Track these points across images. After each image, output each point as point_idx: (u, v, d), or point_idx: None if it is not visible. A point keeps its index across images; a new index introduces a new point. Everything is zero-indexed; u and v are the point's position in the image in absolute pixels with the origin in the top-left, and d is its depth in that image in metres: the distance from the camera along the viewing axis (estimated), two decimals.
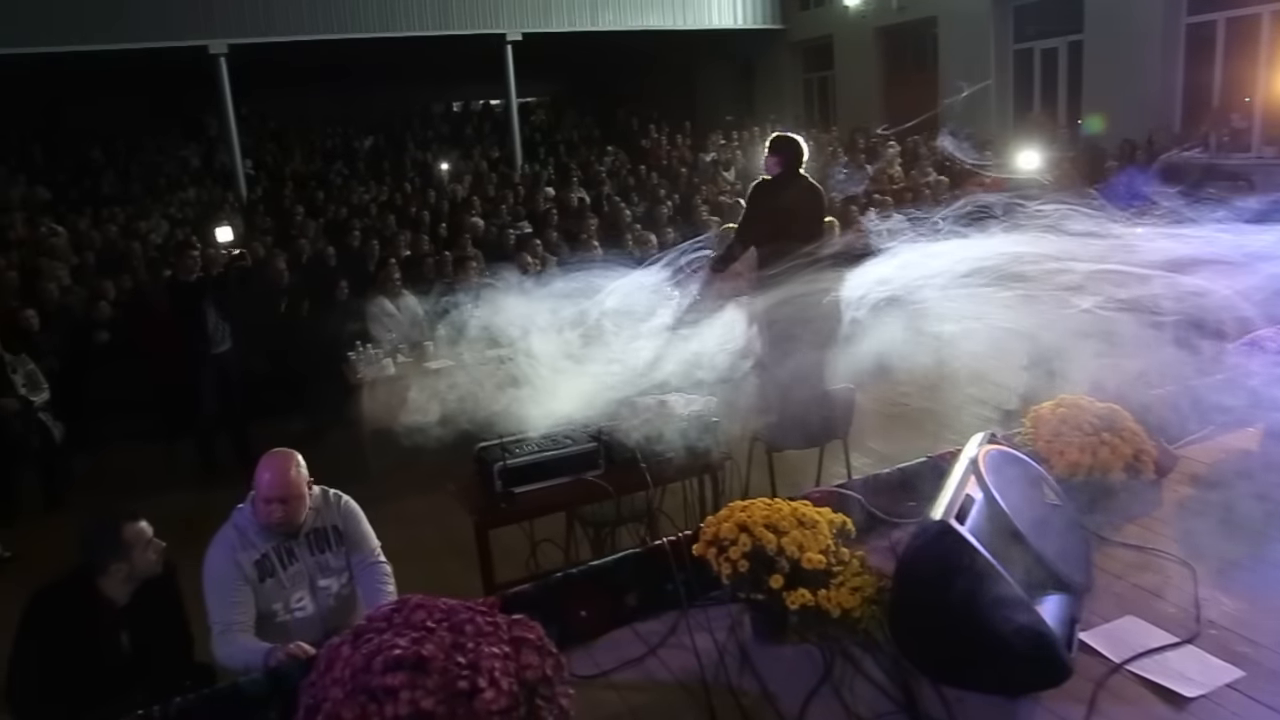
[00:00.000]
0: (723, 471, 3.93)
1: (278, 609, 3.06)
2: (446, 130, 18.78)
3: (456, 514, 5.23)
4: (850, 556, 2.10)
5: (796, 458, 5.26)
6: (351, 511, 3.22)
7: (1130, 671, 2.06)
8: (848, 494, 2.69)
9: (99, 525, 3.02)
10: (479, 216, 10.76)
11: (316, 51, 14.75)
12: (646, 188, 12.77)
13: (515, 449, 3.65)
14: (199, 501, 6.24)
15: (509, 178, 14.26)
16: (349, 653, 1.79)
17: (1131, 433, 2.85)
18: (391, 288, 7.37)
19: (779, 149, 5.45)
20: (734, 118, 19.08)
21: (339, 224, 10.90)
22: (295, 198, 13.26)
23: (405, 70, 18.40)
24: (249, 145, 16.05)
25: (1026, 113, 14.03)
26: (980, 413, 6.41)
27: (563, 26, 15.68)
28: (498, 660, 1.75)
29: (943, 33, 14.99)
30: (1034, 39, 14.05)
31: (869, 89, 16.80)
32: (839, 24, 16.78)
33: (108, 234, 11.04)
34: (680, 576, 2.35)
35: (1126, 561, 2.55)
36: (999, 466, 2.33)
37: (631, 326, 4.09)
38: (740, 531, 2.04)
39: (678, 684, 2.12)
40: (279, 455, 3.10)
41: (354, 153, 17.02)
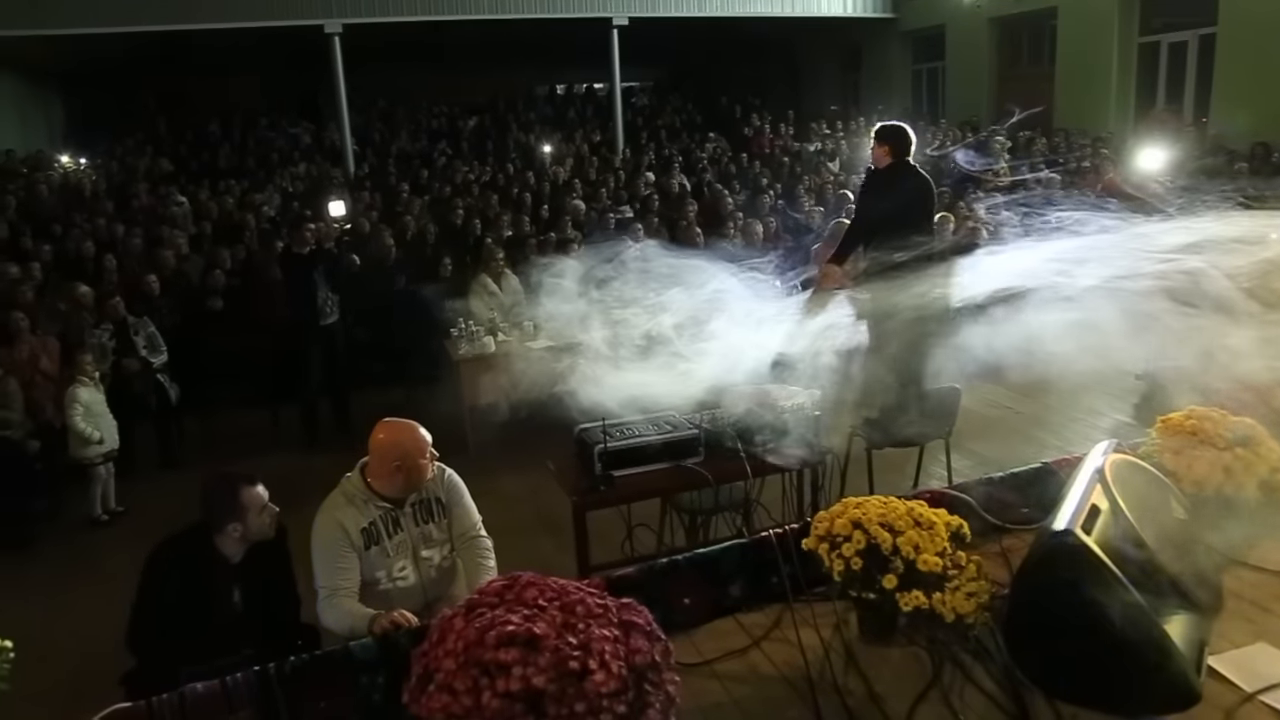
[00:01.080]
0: (822, 466, 3.87)
1: (381, 577, 3.14)
2: (549, 112, 18.95)
3: (550, 493, 5.30)
4: (967, 560, 2.04)
5: (894, 456, 5.17)
6: (455, 485, 3.28)
7: (1264, 702, 1.96)
8: (960, 496, 2.61)
9: (219, 487, 3.14)
10: (580, 199, 10.83)
11: (425, 32, 15.04)
12: (748, 176, 12.66)
13: (616, 432, 3.66)
14: (300, 465, 6.48)
15: (610, 162, 14.32)
16: (462, 625, 1.81)
17: (1268, 450, 2.70)
18: (494, 266, 7.48)
19: (886, 138, 5.31)
20: (839, 107, 18.76)
21: (442, 202, 11.10)
22: (400, 175, 13.56)
23: (510, 52, 18.63)
24: (358, 123, 16.49)
25: (1149, 109, 13.41)
26: (1090, 421, 6.19)
27: (670, 11, 15.63)
28: (608, 643, 1.75)
29: (1063, 24, 14.44)
30: (1161, 31, 13.41)
31: (980, 81, 16.31)
32: (952, 14, 16.32)
33: (224, 205, 11.49)
34: (786, 569, 2.32)
35: (1258, 585, 2.42)
36: (1125, 477, 2.23)
37: (737, 317, 4.06)
38: (854, 528, 2.01)
39: (781, 678, 2.10)
40: (401, 423, 3.16)
41: (458, 132, 17.32)
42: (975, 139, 13.87)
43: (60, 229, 9.94)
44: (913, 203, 5.22)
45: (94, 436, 5.95)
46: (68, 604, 4.89)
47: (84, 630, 4.24)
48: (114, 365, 6.74)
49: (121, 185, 12.97)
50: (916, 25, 17.58)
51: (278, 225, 9.83)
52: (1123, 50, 13.63)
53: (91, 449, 5.97)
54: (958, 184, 10.59)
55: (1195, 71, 12.86)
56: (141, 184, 12.70)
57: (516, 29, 15.44)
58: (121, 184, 13.10)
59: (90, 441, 5.94)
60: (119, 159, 15.06)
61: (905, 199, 5.20)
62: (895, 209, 5.05)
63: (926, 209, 5.36)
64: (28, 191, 11.75)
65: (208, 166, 14.95)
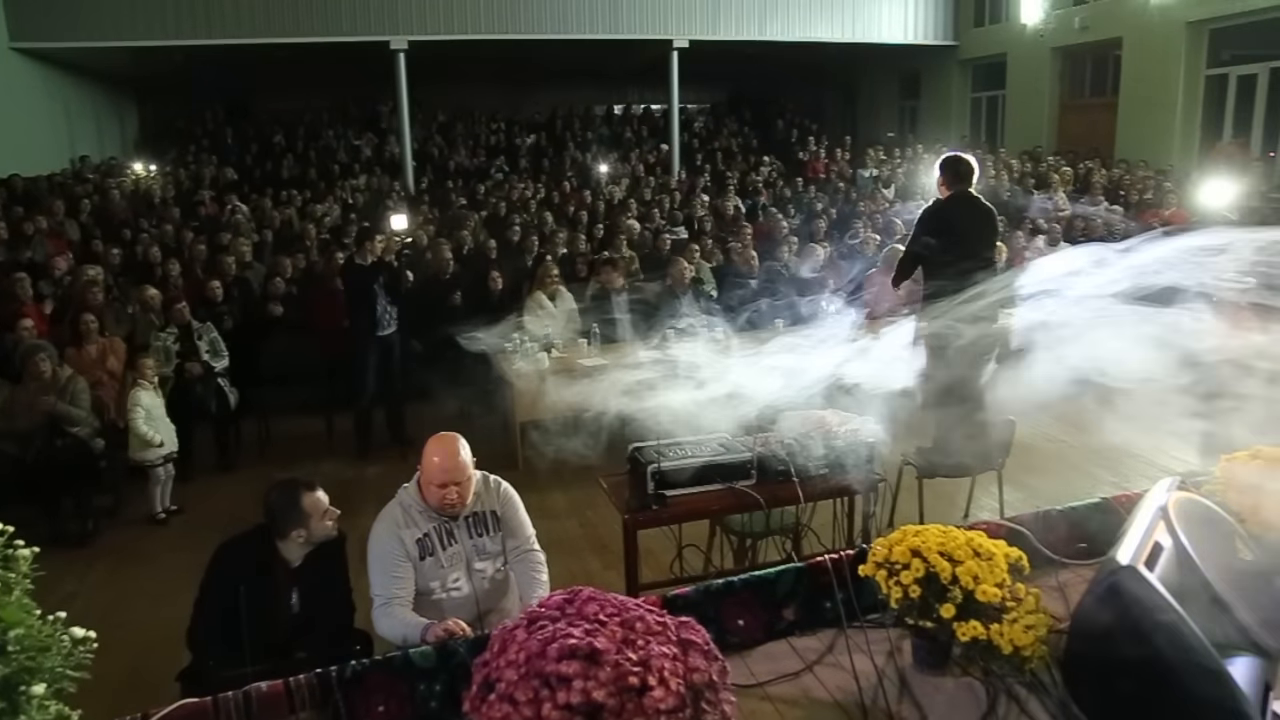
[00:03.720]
0: (874, 494, 3.86)
1: (434, 587, 3.19)
2: (606, 133, 19.15)
3: (599, 510, 5.35)
4: (1026, 593, 2.03)
5: (945, 486, 5.12)
6: (510, 498, 3.32)
7: None
8: (1017, 528, 2.60)
9: (283, 493, 3.22)
10: (635, 219, 10.92)
11: (487, 50, 15.32)
12: (803, 201, 12.66)
13: (670, 452, 3.69)
14: (354, 474, 6.60)
15: (665, 183, 14.42)
16: (524, 637, 1.85)
17: None
18: (549, 284, 7.57)
19: (947, 169, 5.33)
20: (895, 134, 18.70)
21: (498, 218, 11.26)
22: (458, 190, 13.78)
23: (570, 71, 18.89)
24: (418, 138, 16.81)
25: (1215, 142, 13.18)
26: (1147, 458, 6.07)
27: (730, 35, 15.75)
28: (667, 660, 1.78)
29: (1127, 55, 14.27)
30: (1230, 64, 13.18)
31: (1041, 111, 16.16)
32: (1015, 42, 16.21)
33: (285, 215, 11.76)
34: (841, 595, 2.33)
35: None
36: (1189, 515, 2.21)
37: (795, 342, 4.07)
38: (913, 556, 2.01)
39: (834, 703, 2.10)
40: (448, 439, 3.21)
41: (516, 149, 17.56)
42: (1035, 170, 13.74)
43: (129, 234, 10.27)
44: (972, 232, 5.20)
45: (155, 439, 6.09)
46: (125, 599, 5.03)
47: (140, 625, 4.36)
48: (177, 369, 6.92)
49: (188, 193, 13.36)
50: (977, 53, 17.48)
51: (338, 235, 10.04)
52: (1189, 82, 13.42)
53: (151, 451, 6.10)
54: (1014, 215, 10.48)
55: (1265, 104, 12.62)
56: (206, 191, 13.06)
57: (577, 49, 15.67)
58: (188, 191, 13.50)
59: (151, 444, 6.09)
60: (186, 167, 15.52)
61: (965, 228, 5.18)
62: (955, 238, 5.04)
63: (987, 238, 5.34)
64: (101, 196, 12.15)
65: (271, 176, 15.33)
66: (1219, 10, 12.68)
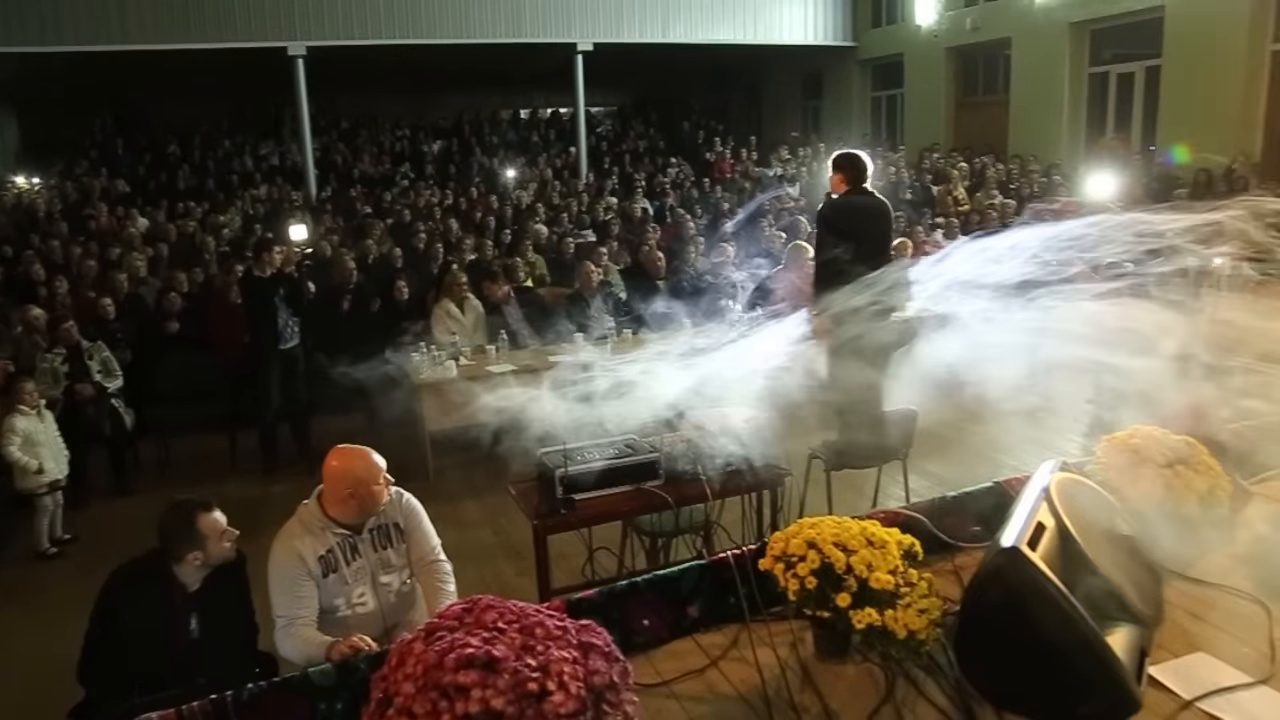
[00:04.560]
0: (781, 488, 3.92)
1: (339, 604, 3.12)
2: (513, 137, 19.04)
3: (511, 517, 5.32)
4: (918, 578, 2.09)
5: (854, 477, 5.23)
6: (414, 509, 3.27)
7: (1201, 709, 2.02)
8: (914, 516, 2.67)
9: (175, 516, 3.11)
10: (542, 223, 10.89)
11: (389, 55, 15.09)
12: (710, 201, 12.79)
13: (577, 456, 3.68)
14: (260, 492, 6.42)
15: (573, 186, 14.41)
16: (421, 649, 1.82)
17: (1206, 466, 2.79)
18: (456, 291, 7.49)
19: (842, 166, 5.44)
20: (799, 133, 19.05)
21: (404, 226, 11.10)
22: (362, 199, 13.54)
23: (475, 76, 18.74)
24: (320, 145, 16.45)
25: (1099, 137, 13.78)
26: (1044, 441, 6.30)
27: (634, 38, 15.83)
28: (567, 664, 1.77)
29: (1016, 54, 14.82)
30: (1110, 62, 13.80)
31: (938, 109, 16.66)
32: (910, 43, 16.68)
33: (183, 228, 11.38)
34: (744, 590, 2.35)
35: (1198, 597, 2.50)
36: (1070, 495, 2.30)
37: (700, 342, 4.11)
38: (809, 548, 2.05)
39: (739, 697, 2.13)
40: (352, 448, 3.16)
41: (422, 156, 17.33)
42: (933, 166, 14.16)
43: (11, 251, 9.80)
44: (870, 228, 5.33)
45: (31, 466, 5.74)
46: (13, 635, 4.78)
47: (30, 661, 4.16)
48: (66, 390, 6.62)
49: (76, 206, 12.80)
50: (876, 54, 17.93)
51: (238, 247, 9.75)
52: (1073, 80, 14.01)
53: (33, 479, 5.77)
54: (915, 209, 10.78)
55: (1142, 100, 13.24)
56: (99, 204, 12.55)
57: (481, 53, 15.54)
58: (76, 205, 12.94)
59: (29, 471, 5.77)
60: (74, 179, 14.88)
61: (863, 224, 5.30)
62: (855, 236, 5.16)
63: (884, 234, 5.46)
64: None
65: (166, 188, 14.81)
66: (1098, 12, 13.27)
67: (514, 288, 7.84)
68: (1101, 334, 4.10)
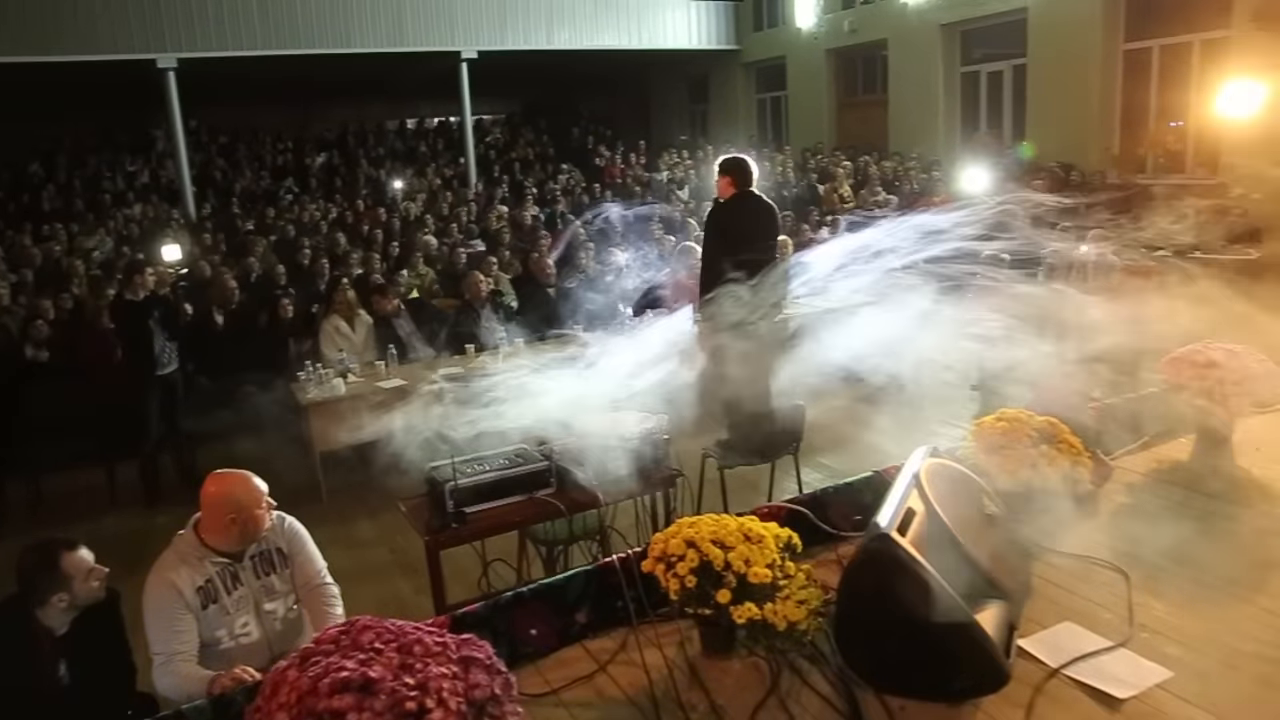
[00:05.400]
0: (674, 489, 3.95)
1: (222, 635, 3.01)
2: (400, 148, 18.72)
3: (408, 534, 5.21)
4: (795, 570, 2.13)
5: (750, 473, 5.31)
6: (296, 532, 3.18)
7: (1066, 676, 2.11)
8: (796, 509, 2.72)
9: (37, 556, 2.95)
10: (431, 234, 10.73)
11: (268, 66, 14.64)
12: (600, 206, 12.83)
13: (467, 469, 3.64)
14: (142, 525, 6.14)
15: (463, 195, 14.25)
16: (295, 676, 1.77)
17: (1069, 445, 2.92)
18: (345, 306, 7.32)
19: (728, 170, 5.54)
20: (688, 137, 19.28)
21: (288, 242, 10.79)
22: (244, 215, 13.11)
23: (359, 87, 18.37)
24: (197, 161, 15.86)
25: (973, 133, 14.34)
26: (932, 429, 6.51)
27: (518, 45, 15.76)
28: (446, 680, 1.75)
29: (893, 55, 15.31)
30: (980, 62, 14.39)
31: (821, 109, 17.08)
32: (792, 45, 17.05)
33: (49, 251, 10.80)
34: (630, 593, 2.36)
35: (1064, 569, 2.62)
36: (940, 479, 2.38)
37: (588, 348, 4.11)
38: (687, 547, 2.07)
39: (627, 701, 2.13)
40: (232, 474, 3.06)
41: (305, 169, 16.88)
42: (818, 165, 14.51)
43: None
44: (757, 229, 5.43)
45: None
46: None
47: None
48: None
49: None
50: (759, 56, 18.28)
51: (110, 270, 9.31)
52: (947, 79, 14.55)
53: None
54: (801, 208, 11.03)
55: (1011, 98, 13.84)
56: None
57: (363, 63, 15.23)
58: None
59: None
60: None
61: (750, 226, 5.40)
62: (742, 237, 5.25)
63: (770, 234, 5.57)
64: None
65: (30, 209, 14.04)
66: (966, 14, 13.82)
67: (404, 300, 7.71)
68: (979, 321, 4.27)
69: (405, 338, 7.29)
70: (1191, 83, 11.12)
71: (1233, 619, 2.33)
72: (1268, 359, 3.31)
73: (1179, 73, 11.37)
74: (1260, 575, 2.54)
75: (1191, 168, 11.23)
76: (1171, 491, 3.08)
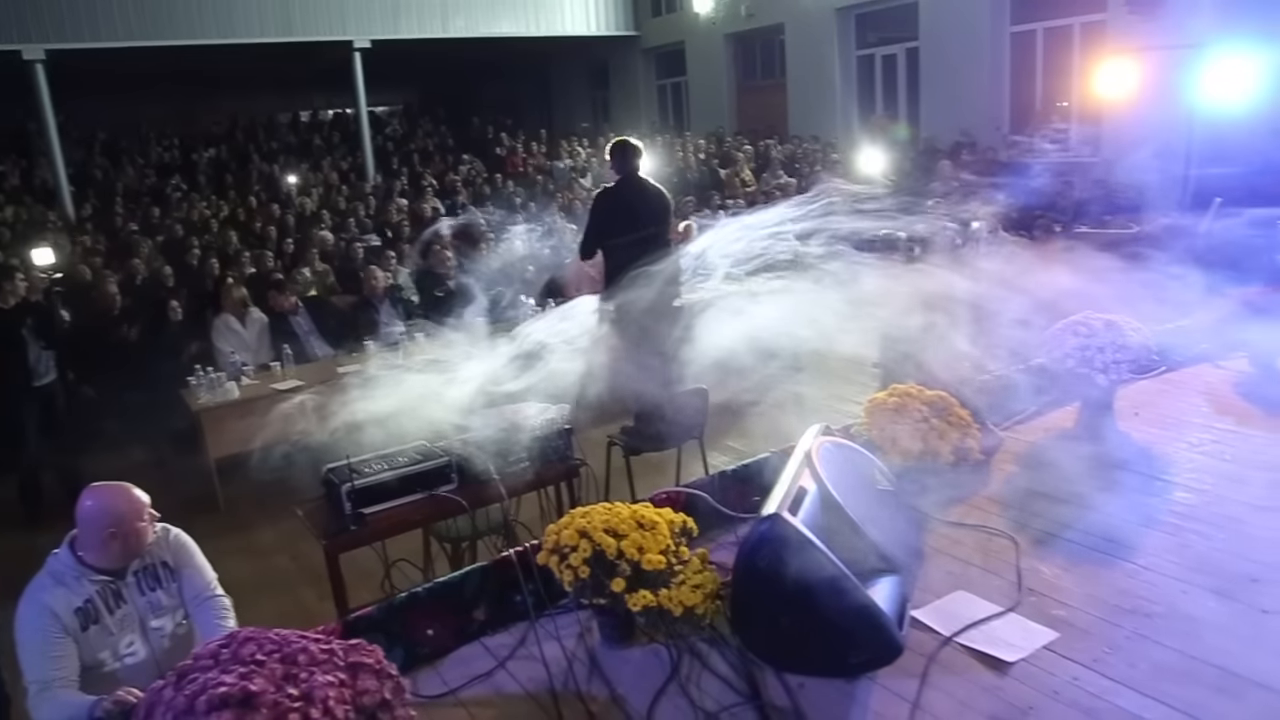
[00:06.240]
0: (579, 478, 3.92)
1: (105, 658, 2.86)
2: (294, 141, 18.14)
3: (309, 540, 5.04)
4: (690, 555, 2.13)
5: (658, 459, 5.30)
6: (183, 544, 3.04)
7: (959, 643, 2.16)
8: (695, 493, 2.72)
9: None
10: (328, 230, 10.42)
11: (147, 58, 13.98)
12: (503, 196, 12.66)
13: (364, 469, 3.53)
14: (23, 545, 5.78)
15: (360, 189, 13.89)
16: (171, 695, 1.69)
17: (959, 418, 3.00)
18: (235, 303, 7.05)
19: (612, 155, 5.54)
20: (589, 124, 19.18)
21: (176, 242, 10.35)
22: (128, 215, 12.53)
23: (248, 79, 17.71)
24: (75, 160, 15.08)
25: (870, 116, 14.62)
26: (837, 408, 6.62)
27: (413, 34, 15.39)
28: (332, 688, 1.70)
29: (790, 39, 15.48)
30: (875, 45, 14.66)
31: (721, 94, 17.18)
32: (690, 30, 17.09)
33: None
34: (529, 587, 2.33)
35: (956, 539, 2.68)
36: (832, 457, 2.41)
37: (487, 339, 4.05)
38: (580, 538, 2.04)
39: (527, 696, 2.10)
40: (110, 487, 2.90)
41: (194, 165, 16.21)
42: (720, 150, 14.60)
43: None
44: (643, 212, 5.40)
45: None
46: None
47: None
48: None
49: None
50: (658, 42, 18.28)
51: None
52: (843, 62, 14.79)
53: None
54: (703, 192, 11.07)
55: (905, 80, 14.15)
56: None
57: (252, 54, 14.68)
58: None
59: None
60: None
61: (635, 210, 5.37)
62: (628, 221, 5.21)
63: (659, 218, 5.54)
64: None
65: None
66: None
67: (302, 298, 7.47)
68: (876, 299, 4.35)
69: (303, 336, 7.07)
70: (1074, 64, 11.54)
71: (1112, 577, 2.42)
72: (1143, 327, 3.45)
73: (1062, 54, 11.78)
74: (1138, 533, 2.65)
75: (1076, 146, 11.66)
76: (1058, 458, 3.18)
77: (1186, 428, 3.49)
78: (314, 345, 7.05)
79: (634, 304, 4.27)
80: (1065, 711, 1.91)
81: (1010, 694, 1.98)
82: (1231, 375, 4.03)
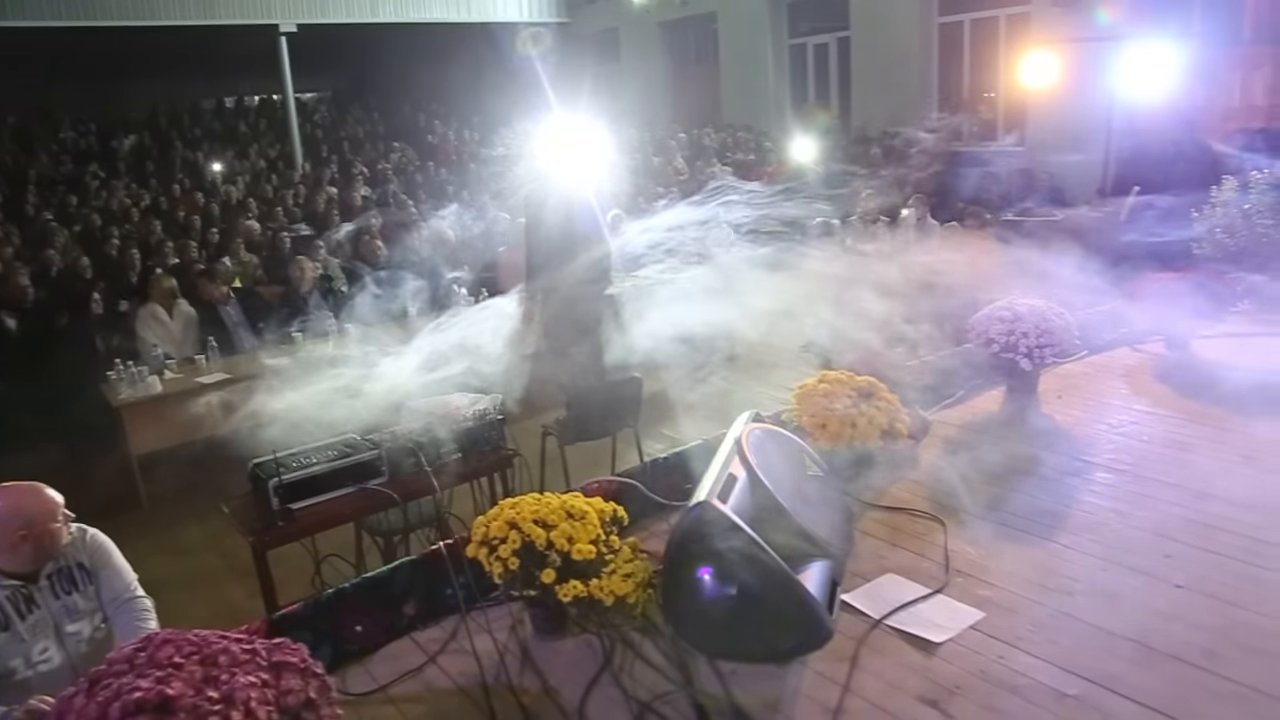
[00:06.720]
0: (512, 469, 3.88)
1: (17, 665, 2.75)
2: (219, 128, 17.63)
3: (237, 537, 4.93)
4: (621, 544, 2.12)
5: (594, 449, 5.28)
6: (100, 545, 2.93)
7: (888, 625, 2.20)
8: (626, 481, 2.72)
9: None
10: (254, 219, 10.16)
11: (58, 40, 13.43)
12: (434, 184, 12.49)
13: (291, 463, 3.45)
14: None
15: (288, 177, 13.57)
16: (83, 703, 1.63)
17: (888, 403, 3.04)
18: (162, 293, 6.83)
19: (546, 144, 5.50)
20: (522, 111, 19.00)
21: (94, 232, 10.00)
22: (41, 203, 12.06)
23: (169, 62, 17.12)
24: None
25: (803, 104, 14.74)
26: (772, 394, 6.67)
27: (340, 18, 15.06)
28: (254, 689, 1.65)
29: (723, 28, 15.51)
30: (807, 35, 14.76)
31: (655, 82, 17.15)
32: (624, 17, 17.02)
33: None
34: (459, 580, 2.30)
35: (886, 523, 2.72)
36: (762, 444, 2.42)
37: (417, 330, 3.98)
38: (510, 529, 2.02)
39: (458, 690, 2.08)
40: (20, 487, 2.79)
41: (113, 153, 15.65)
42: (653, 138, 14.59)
43: None
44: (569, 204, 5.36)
45: None
46: None
47: None
48: None
49: None
50: (592, 29, 18.16)
51: None
52: (776, 51, 14.88)
53: None
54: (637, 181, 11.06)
55: (837, 69, 14.29)
56: None
57: (171, 36, 14.21)
58: None
59: None
60: None
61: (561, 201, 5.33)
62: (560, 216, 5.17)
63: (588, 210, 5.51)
64: None
65: None
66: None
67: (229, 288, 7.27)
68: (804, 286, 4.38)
69: (232, 327, 6.88)
70: (1000, 55, 11.77)
71: (1036, 557, 2.48)
72: (1066, 312, 3.55)
73: (989, 46, 12.01)
74: (1061, 513, 2.72)
75: (1002, 136, 11.90)
76: (984, 441, 3.25)
77: (1107, 410, 3.59)
78: (243, 337, 6.88)
79: (560, 295, 4.24)
80: (991, 690, 1.95)
81: (938, 674, 2.02)
82: (1149, 359, 4.16)
